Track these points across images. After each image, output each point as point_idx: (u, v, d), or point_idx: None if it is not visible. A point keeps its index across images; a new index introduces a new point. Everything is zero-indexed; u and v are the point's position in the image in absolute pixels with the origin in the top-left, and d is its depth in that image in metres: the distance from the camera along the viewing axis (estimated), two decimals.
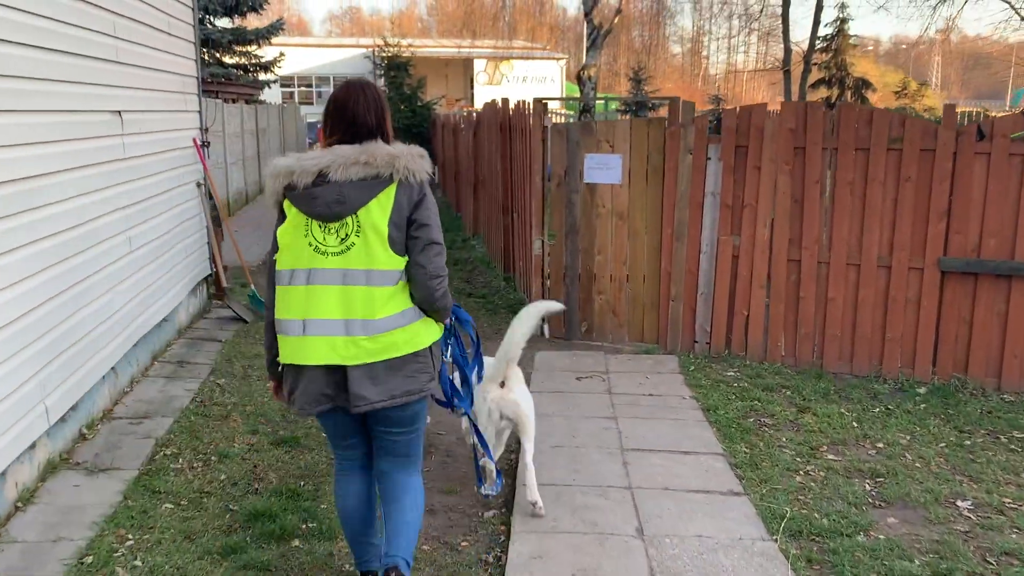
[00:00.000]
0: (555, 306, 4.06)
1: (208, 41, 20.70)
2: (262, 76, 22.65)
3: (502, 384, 3.78)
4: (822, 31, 23.45)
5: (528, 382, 4.72)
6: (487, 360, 3.85)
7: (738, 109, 6.24)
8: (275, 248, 2.73)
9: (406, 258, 2.68)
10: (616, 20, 22.89)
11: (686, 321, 6.49)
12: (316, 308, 2.63)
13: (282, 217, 2.71)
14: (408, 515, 2.85)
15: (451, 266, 10.45)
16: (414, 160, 2.65)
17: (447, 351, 3.30)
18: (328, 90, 39.08)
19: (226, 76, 19.76)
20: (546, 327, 6.99)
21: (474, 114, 12.24)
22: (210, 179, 7.18)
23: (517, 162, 8.09)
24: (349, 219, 2.61)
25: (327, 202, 2.60)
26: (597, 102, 23.02)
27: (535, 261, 6.97)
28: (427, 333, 2.75)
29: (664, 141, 6.35)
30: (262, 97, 23.22)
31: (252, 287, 7.45)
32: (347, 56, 42.68)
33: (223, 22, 21.76)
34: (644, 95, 30.63)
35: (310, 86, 41.63)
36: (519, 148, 7.90)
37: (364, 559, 3.02)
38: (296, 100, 39.25)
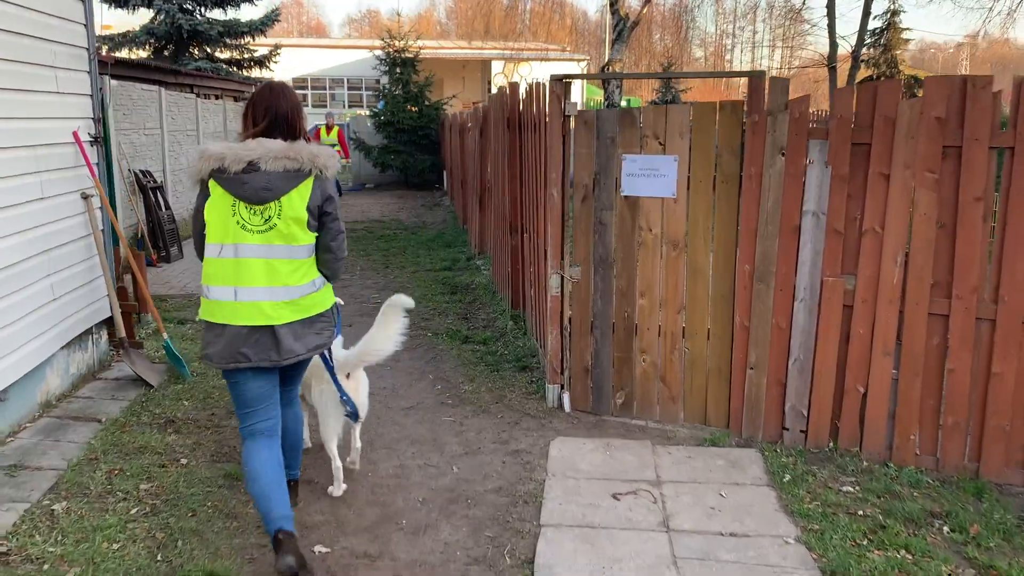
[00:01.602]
0: (409, 302, 4.15)
1: (195, 33, 18.89)
2: (256, 72, 20.79)
3: (347, 376, 3.89)
4: (871, 24, 21.28)
5: (541, 495, 3.89)
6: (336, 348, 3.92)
7: (856, 87, 4.21)
8: (202, 223, 3.12)
9: (314, 236, 3.16)
10: (644, 11, 20.95)
11: (771, 399, 4.47)
12: (245, 277, 3.06)
13: (205, 195, 3.09)
14: (295, 442, 3.59)
15: (448, 294, 8.50)
16: (329, 159, 3.13)
17: None
18: (342, 92, 39.30)
19: (213, 71, 17.91)
20: (566, 396, 4.99)
21: (481, 109, 10.28)
22: (99, 188, 5.20)
23: (528, 166, 6.10)
24: (273, 204, 3.05)
25: (256, 188, 3.02)
26: (621, 103, 21.05)
27: (552, 303, 4.97)
28: (329, 297, 3.31)
29: (742, 136, 4.35)
30: None
31: (166, 337, 5.49)
32: (360, 58, 41.29)
33: (215, 13, 19.95)
34: (676, 93, 28.55)
35: (323, 88, 41.03)
36: (531, 147, 5.91)
37: (279, 507, 3.14)
38: (310, 102, 38.97)
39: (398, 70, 20.30)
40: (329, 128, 16.25)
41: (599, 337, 4.85)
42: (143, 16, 19.46)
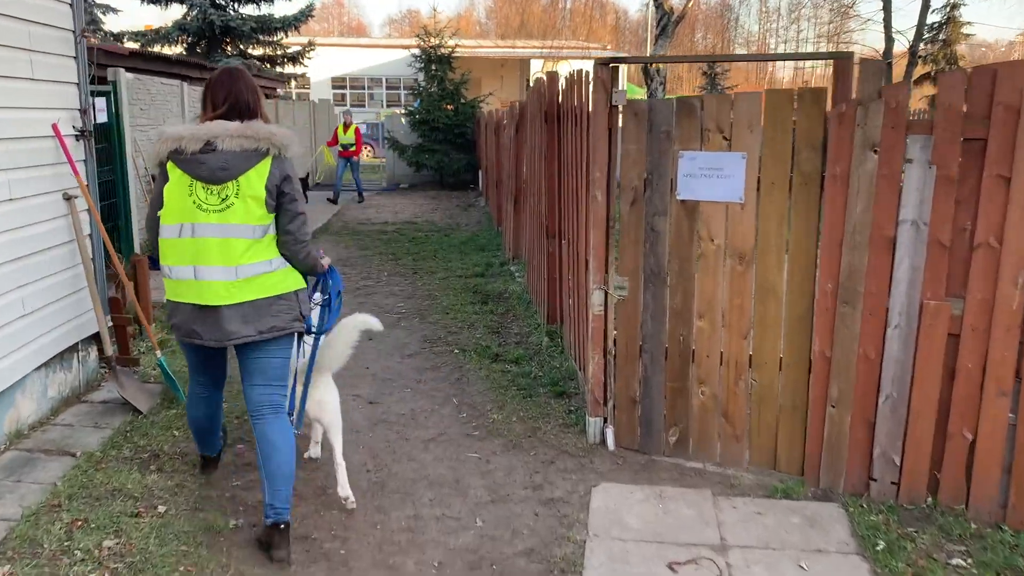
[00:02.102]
0: (375, 324, 3.79)
1: (228, 29, 18.51)
2: (289, 69, 20.37)
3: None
4: (929, 18, 20.21)
5: (580, 562, 3.22)
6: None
7: (970, 71, 3.48)
8: (159, 205, 3.14)
9: (272, 216, 3.11)
10: (689, 4, 20.12)
11: (856, 442, 3.75)
12: (203, 257, 3.04)
13: (164, 178, 3.10)
14: (285, 468, 3.20)
15: (479, 304, 7.86)
16: (287, 138, 3.12)
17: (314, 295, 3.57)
18: (380, 91, 39.54)
19: (247, 68, 17.49)
20: (609, 432, 4.32)
21: (517, 105, 9.63)
22: (83, 188, 4.63)
23: (568, 165, 5.44)
24: (231, 183, 3.02)
25: (212, 168, 3.01)
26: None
27: (594, 323, 4.30)
28: (292, 280, 3.23)
29: (825, 129, 3.64)
30: (313, 96, 21.02)
31: (160, 355, 4.90)
32: (399, 57, 41.00)
33: (248, 9, 19.57)
34: (722, 90, 27.59)
35: (362, 87, 41.02)
36: (572, 143, 5.25)
37: (208, 447, 3.83)
38: (348, 101, 39.25)
39: (433, 67, 19.73)
40: (347, 127, 15.70)
41: (649, 363, 4.18)
42: (176, 12, 19.16)
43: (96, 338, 4.90)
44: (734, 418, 4.03)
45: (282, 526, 3.15)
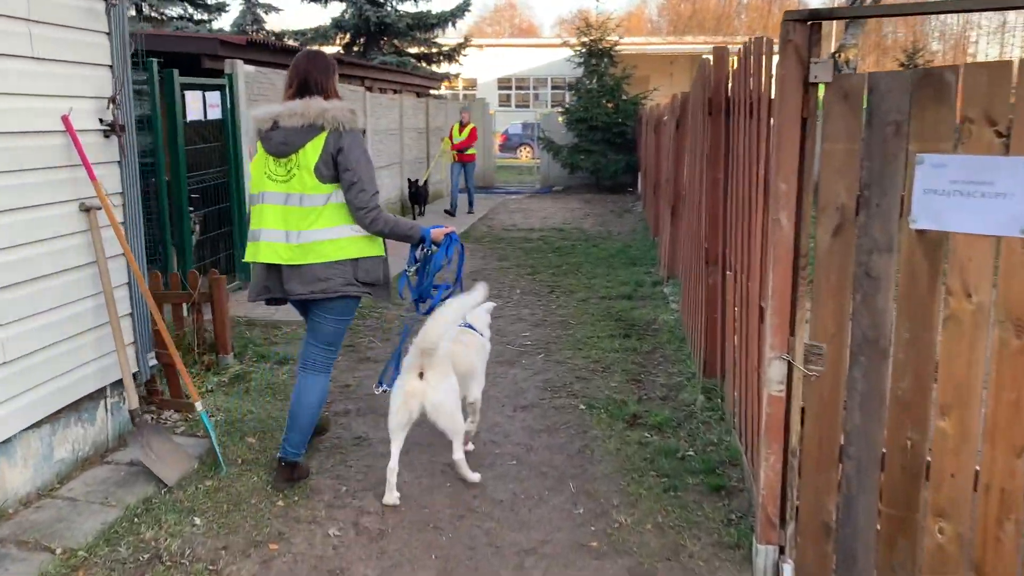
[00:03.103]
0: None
1: (384, 26, 18.03)
2: (446, 67, 19.71)
3: (420, 375, 3.49)
4: None
5: None
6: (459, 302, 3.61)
7: None
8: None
9: (333, 186, 3.39)
10: None
11: None
12: (266, 221, 3.43)
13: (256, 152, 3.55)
14: (302, 419, 3.58)
15: (621, 337, 6.38)
16: (343, 113, 3.36)
17: (413, 267, 3.69)
18: (545, 91, 39.17)
19: (399, 65, 16.91)
20: (788, 567, 2.90)
21: (679, 97, 8.20)
22: (102, 198, 3.63)
23: (738, 171, 4.03)
24: (293, 156, 3.37)
25: (277, 143, 3.40)
26: None
27: (771, 406, 2.89)
28: (356, 248, 3.45)
29: None
30: (476, 95, 20.36)
31: (200, 409, 3.90)
32: (565, 55, 40.21)
33: (405, 5, 19.06)
34: None
35: (527, 88, 40.76)
36: (743, 141, 3.85)
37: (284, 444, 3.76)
38: (513, 102, 39.48)
39: (593, 61, 18.45)
40: (463, 126, 14.00)
41: (854, 475, 2.74)
42: (336, 10, 18.92)
43: (114, 388, 3.98)
44: None
45: (284, 463, 3.60)
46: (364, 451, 4.11)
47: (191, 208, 6.83)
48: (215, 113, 7.34)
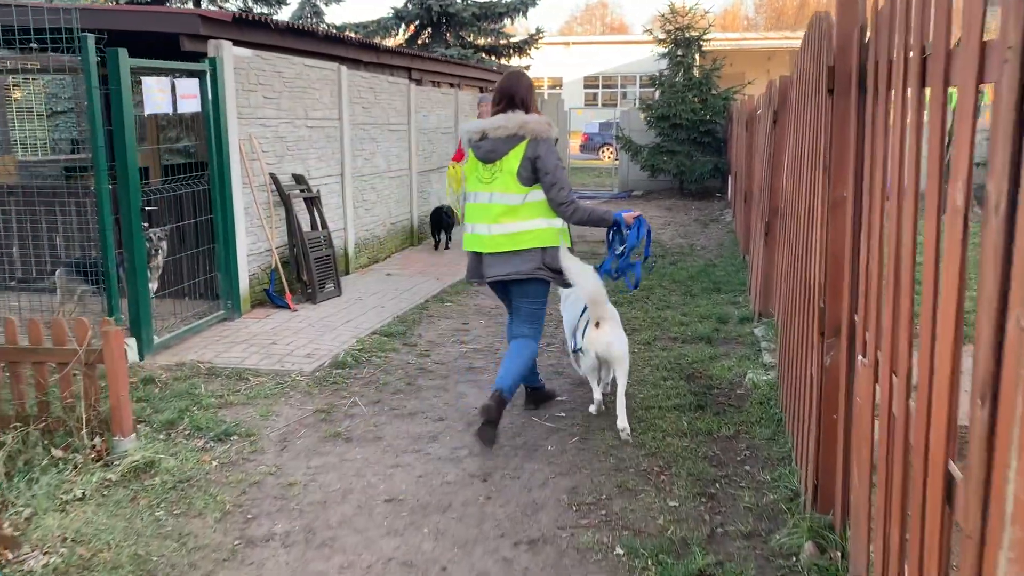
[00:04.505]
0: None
1: (448, 16, 16.59)
2: (516, 61, 18.13)
3: (597, 325, 4.21)
4: None
5: None
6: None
7: None
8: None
9: (529, 188, 4.07)
10: None
11: None
12: (477, 217, 4.18)
13: (467, 159, 4.31)
14: (513, 369, 4.12)
15: (691, 409, 3.79)
16: (540, 125, 4.04)
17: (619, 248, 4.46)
18: (633, 89, 38.29)
19: (461, 57, 15.42)
20: None
21: (778, 83, 6.39)
22: None
23: (882, 182, 2.27)
24: (498, 162, 4.08)
25: (485, 151, 4.13)
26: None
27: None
28: (545, 239, 4.12)
29: None
30: (564, 95, 18.77)
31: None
32: (654, 53, 38.44)
33: None
34: None
35: (615, 86, 39.43)
36: (899, 132, 2.09)
37: (529, 379, 4.58)
38: (600, 101, 38.98)
39: (679, 52, 16.54)
40: None
41: None
42: (397, 1, 17.59)
43: None
44: None
45: (496, 392, 4.02)
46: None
47: (145, 224, 5.42)
48: (190, 105, 5.92)
